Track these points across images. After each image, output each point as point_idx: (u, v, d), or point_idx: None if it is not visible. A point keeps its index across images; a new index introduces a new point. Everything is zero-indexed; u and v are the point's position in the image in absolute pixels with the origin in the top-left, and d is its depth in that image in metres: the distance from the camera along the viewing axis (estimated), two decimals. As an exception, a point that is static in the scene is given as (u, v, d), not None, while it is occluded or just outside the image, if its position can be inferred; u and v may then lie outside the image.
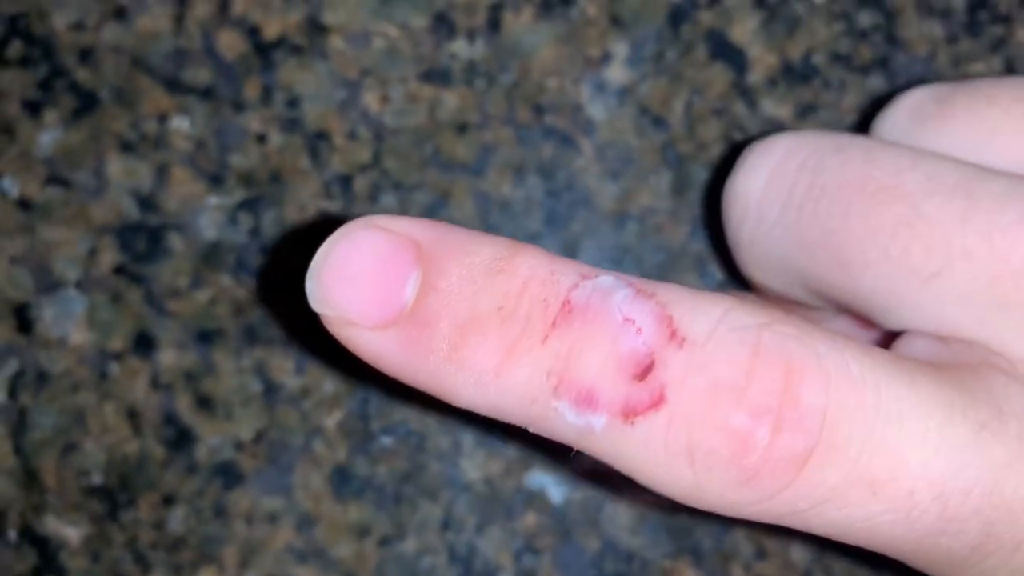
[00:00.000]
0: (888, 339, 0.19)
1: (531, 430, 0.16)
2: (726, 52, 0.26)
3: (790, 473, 0.15)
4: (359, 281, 0.15)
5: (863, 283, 0.18)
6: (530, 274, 0.16)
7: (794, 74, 0.26)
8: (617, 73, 0.26)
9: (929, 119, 0.19)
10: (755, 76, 0.26)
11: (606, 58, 0.26)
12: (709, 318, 0.15)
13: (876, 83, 0.26)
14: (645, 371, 0.15)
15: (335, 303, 0.16)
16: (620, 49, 0.26)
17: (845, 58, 0.26)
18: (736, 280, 0.26)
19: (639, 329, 0.15)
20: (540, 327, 0.15)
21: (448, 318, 0.15)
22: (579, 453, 0.16)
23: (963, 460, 0.15)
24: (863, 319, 0.19)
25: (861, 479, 0.15)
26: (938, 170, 0.17)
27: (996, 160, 0.18)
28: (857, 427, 0.15)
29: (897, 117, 0.19)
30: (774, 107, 0.26)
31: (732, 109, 0.26)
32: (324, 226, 0.26)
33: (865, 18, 0.27)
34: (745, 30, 0.26)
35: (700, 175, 0.26)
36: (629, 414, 0.15)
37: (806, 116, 0.26)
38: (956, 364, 0.17)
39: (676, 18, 0.26)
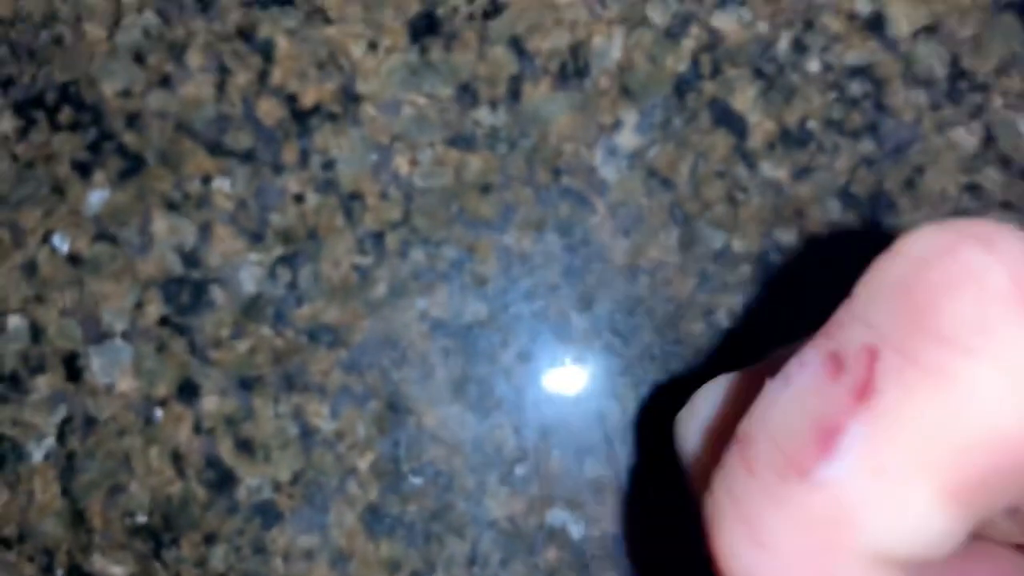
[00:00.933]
0: None
1: None
2: (728, 119, 0.29)
3: None
4: None
5: None
6: None
7: (791, 139, 0.29)
8: (627, 139, 0.29)
9: None
10: (755, 141, 0.29)
11: (617, 125, 0.29)
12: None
13: (866, 146, 0.29)
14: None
15: None
16: (630, 117, 0.29)
17: (837, 123, 0.29)
18: (746, 328, 0.28)
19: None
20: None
21: None
22: None
23: None
24: None
25: None
26: None
27: None
28: None
29: None
30: (772, 169, 0.29)
31: (734, 171, 0.29)
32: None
33: (855, 87, 0.29)
34: (745, 98, 0.29)
35: (705, 232, 0.28)
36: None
37: (802, 177, 0.29)
38: None
39: (681, 88, 0.29)
